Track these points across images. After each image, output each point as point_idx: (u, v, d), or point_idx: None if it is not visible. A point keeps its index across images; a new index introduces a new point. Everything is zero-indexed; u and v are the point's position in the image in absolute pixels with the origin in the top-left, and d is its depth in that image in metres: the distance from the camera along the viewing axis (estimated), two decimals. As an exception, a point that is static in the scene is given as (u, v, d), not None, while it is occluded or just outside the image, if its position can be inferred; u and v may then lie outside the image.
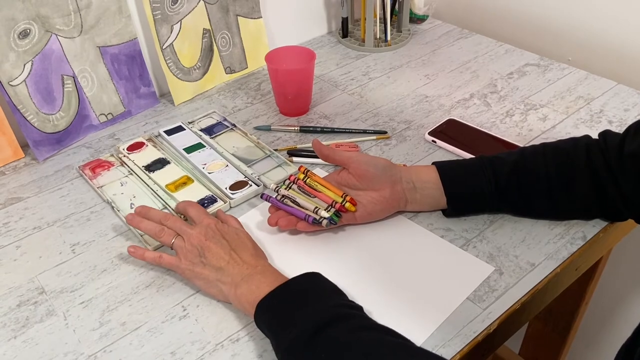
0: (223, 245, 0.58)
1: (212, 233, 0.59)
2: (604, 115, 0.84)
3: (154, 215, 0.63)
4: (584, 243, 0.63)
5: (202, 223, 0.60)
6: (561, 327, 1.10)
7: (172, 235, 0.60)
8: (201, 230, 0.59)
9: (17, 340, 0.55)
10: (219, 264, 0.57)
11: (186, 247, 0.59)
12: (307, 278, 0.54)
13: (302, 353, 0.47)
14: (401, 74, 0.97)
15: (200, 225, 0.60)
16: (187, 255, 0.58)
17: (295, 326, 0.48)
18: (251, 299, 0.53)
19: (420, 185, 0.64)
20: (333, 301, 0.51)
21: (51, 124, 0.79)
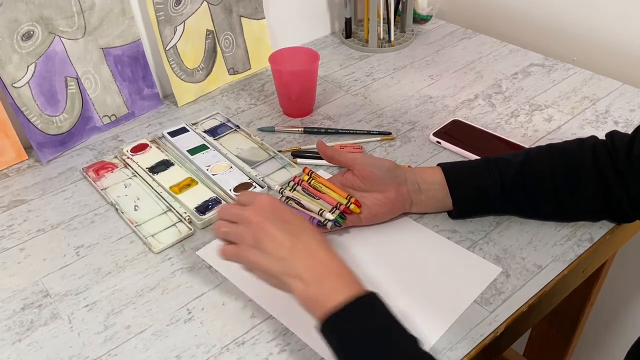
0: (282, 227, 0.51)
1: (268, 212, 0.52)
2: (609, 116, 0.83)
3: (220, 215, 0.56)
4: (590, 245, 0.63)
5: (254, 202, 0.53)
6: (566, 328, 1.09)
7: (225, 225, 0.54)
8: (254, 209, 0.52)
9: (21, 343, 0.55)
10: (279, 252, 0.50)
11: (239, 232, 0.52)
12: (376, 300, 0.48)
13: None
14: (405, 75, 0.96)
15: (252, 204, 0.53)
16: (242, 242, 0.52)
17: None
18: (321, 305, 0.47)
19: (426, 186, 0.64)
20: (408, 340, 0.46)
21: (55, 126, 0.78)
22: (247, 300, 0.58)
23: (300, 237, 0.51)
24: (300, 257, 0.50)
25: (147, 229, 0.67)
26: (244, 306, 0.58)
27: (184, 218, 0.68)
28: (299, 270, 0.49)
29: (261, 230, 0.51)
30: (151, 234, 0.66)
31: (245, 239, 0.52)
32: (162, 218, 0.68)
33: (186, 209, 0.69)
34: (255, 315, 0.57)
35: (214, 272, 0.62)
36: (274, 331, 0.55)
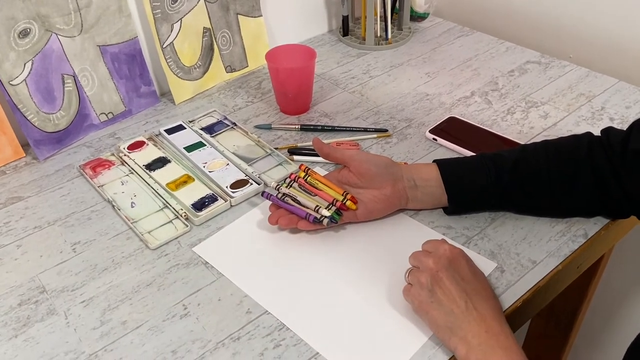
0: (457, 282, 0.51)
1: (445, 262, 0.52)
2: (605, 113, 0.83)
3: None
4: (585, 241, 0.63)
5: (437, 250, 0.54)
6: (563, 325, 1.09)
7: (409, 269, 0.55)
8: (435, 258, 0.52)
9: (18, 339, 0.55)
10: (450, 307, 0.50)
11: (416, 275, 0.53)
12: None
13: None
14: (402, 72, 0.97)
15: (436, 252, 0.53)
16: (416, 287, 0.53)
17: None
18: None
19: (421, 183, 0.64)
20: None
21: (52, 123, 0.79)
22: (243, 296, 0.59)
23: (474, 299, 0.50)
24: (470, 320, 0.49)
25: (144, 226, 0.67)
26: (239, 302, 0.58)
27: (180, 215, 0.68)
28: (466, 333, 0.49)
29: (435, 278, 0.51)
30: (147, 231, 0.66)
31: (421, 282, 0.52)
32: (158, 215, 0.69)
33: (183, 206, 0.69)
34: (250, 311, 0.57)
35: (210, 268, 0.62)
36: (269, 326, 0.55)
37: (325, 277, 0.60)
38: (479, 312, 0.49)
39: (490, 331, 0.48)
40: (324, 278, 0.60)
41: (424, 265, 0.53)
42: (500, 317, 0.50)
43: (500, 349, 0.47)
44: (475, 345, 0.48)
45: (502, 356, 0.47)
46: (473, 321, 0.49)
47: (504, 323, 0.50)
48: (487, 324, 0.49)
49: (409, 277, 0.55)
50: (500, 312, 0.51)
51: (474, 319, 0.49)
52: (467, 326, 0.49)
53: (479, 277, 0.53)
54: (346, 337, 0.54)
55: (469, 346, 0.48)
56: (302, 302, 0.58)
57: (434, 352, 0.52)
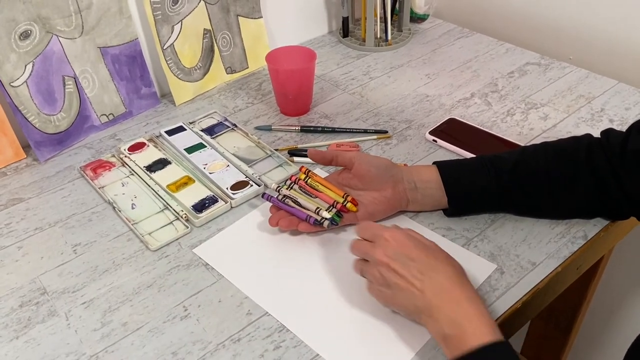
0: (409, 266, 0.51)
1: (392, 251, 0.52)
2: (605, 114, 0.84)
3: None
4: (585, 242, 0.63)
5: (379, 239, 0.53)
6: (563, 326, 1.09)
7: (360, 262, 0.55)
8: (381, 249, 0.52)
9: (19, 340, 0.55)
10: (410, 290, 0.50)
11: (370, 273, 0.53)
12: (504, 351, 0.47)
13: None
14: (402, 74, 0.97)
15: (378, 244, 0.53)
16: (374, 283, 0.53)
17: None
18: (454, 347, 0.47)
19: (422, 185, 0.64)
20: None
21: (52, 125, 0.79)
22: (243, 298, 0.59)
23: (429, 275, 0.50)
24: (430, 296, 0.49)
25: (144, 227, 0.67)
26: (240, 303, 0.58)
27: (180, 216, 0.68)
28: (431, 310, 0.49)
29: (389, 270, 0.52)
30: (148, 232, 0.67)
31: (376, 279, 0.53)
32: (159, 216, 0.69)
33: (183, 207, 0.69)
34: (251, 312, 0.57)
35: (211, 269, 0.62)
36: (269, 328, 0.56)
37: (326, 278, 0.60)
38: (437, 285, 0.50)
39: (453, 300, 0.49)
40: (324, 279, 0.60)
41: (373, 259, 0.53)
42: (459, 282, 0.50)
43: (464, 316, 0.48)
44: (442, 318, 0.48)
45: (469, 324, 0.47)
46: (433, 296, 0.49)
47: (465, 286, 0.50)
48: (447, 294, 0.49)
49: (362, 272, 0.55)
50: (459, 277, 0.51)
51: (434, 294, 0.49)
52: (429, 302, 0.49)
53: (428, 250, 0.53)
54: (346, 338, 0.54)
55: (435, 319, 0.49)
56: (302, 303, 0.58)
57: (434, 353, 0.52)
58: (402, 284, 0.51)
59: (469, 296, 0.49)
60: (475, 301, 0.49)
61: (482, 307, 0.49)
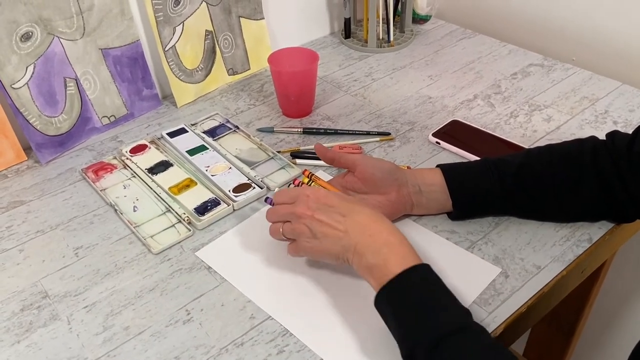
0: (330, 212, 0.55)
1: (314, 203, 0.55)
2: (608, 116, 0.83)
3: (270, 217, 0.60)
4: (589, 245, 0.63)
5: (299, 198, 0.57)
6: (566, 328, 1.09)
7: (280, 225, 0.58)
8: (302, 205, 0.56)
9: (20, 344, 0.55)
10: (336, 235, 0.54)
11: (295, 229, 0.56)
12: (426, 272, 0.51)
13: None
14: (404, 75, 0.96)
15: (298, 200, 0.57)
16: (301, 237, 0.56)
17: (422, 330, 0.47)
18: (377, 277, 0.51)
19: (426, 188, 0.64)
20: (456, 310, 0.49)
21: (54, 127, 0.78)
22: (246, 301, 0.58)
23: (350, 216, 0.54)
24: (354, 234, 0.53)
25: (146, 230, 0.67)
26: (243, 307, 0.58)
27: (183, 219, 0.68)
28: (354, 245, 0.53)
29: (314, 220, 0.55)
30: (150, 235, 0.66)
31: (303, 232, 0.56)
32: (161, 219, 0.68)
33: (185, 210, 0.69)
34: (254, 316, 0.57)
35: (213, 273, 0.62)
36: (273, 332, 0.55)
37: (329, 282, 0.60)
38: (358, 223, 0.54)
39: (375, 234, 0.53)
40: (328, 283, 0.60)
41: (297, 214, 0.56)
42: (378, 219, 0.54)
43: (385, 246, 0.52)
44: (365, 251, 0.52)
45: (389, 253, 0.51)
46: (356, 234, 0.53)
47: (383, 222, 0.54)
48: (369, 229, 0.53)
49: (286, 234, 0.57)
50: (377, 215, 0.55)
51: (356, 232, 0.53)
52: (353, 240, 0.53)
53: (346, 198, 0.57)
54: (350, 343, 0.54)
55: (359, 254, 0.52)
56: (306, 307, 0.58)
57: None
58: (328, 230, 0.54)
59: (389, 228, 0.53)
60: (394, 232, 0.53)
61: (402, 236, 0.53)
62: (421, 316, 0.48)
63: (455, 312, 0.48)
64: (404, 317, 0.49)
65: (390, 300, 0.50)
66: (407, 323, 0.48)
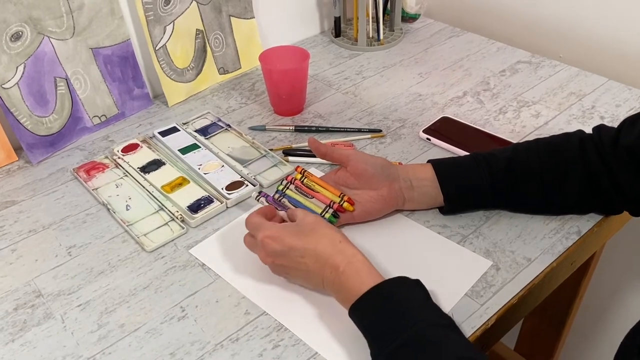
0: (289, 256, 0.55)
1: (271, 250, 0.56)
2: (595, 111, 0.84)
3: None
4: (578, 237, 0.64)
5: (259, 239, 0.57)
6: (556, 322, 1.10)
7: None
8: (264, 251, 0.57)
9: (14, 343, 0.55)
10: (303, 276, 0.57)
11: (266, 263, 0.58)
12: (398, 284, 0.52)
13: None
14: (394, 73, 0.97)
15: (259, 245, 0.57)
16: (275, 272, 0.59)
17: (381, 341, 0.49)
18: (349, 301, 0.52)
19: (417, 183, 0.64)
20: (420, 317, 0.49)
21: (44, 127, 0.78)
22: (241, 297, 0.59)
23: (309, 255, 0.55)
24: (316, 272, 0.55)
25: (139, 228, 0.67)
26: (237, 303, 0.58)
27: (176, 217, 0.68)
28: (323, 283, 0.55)
29: (277, 266, 0.57)
30: (143, 233, 0.66)
31: (274, 270, 0.58)
32: (154, 217, 0.69)
33: (178, 208, 0.69)
34: (249, 312, 0.57)
35: (207, 269, 0.62)
36: (267, 327, 0.56)
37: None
38: (318, 261, 0.54)
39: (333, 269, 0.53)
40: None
41: (260, 257, 0.58)
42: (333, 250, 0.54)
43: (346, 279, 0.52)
44: (332, 287, 0.54)
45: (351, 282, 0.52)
46: (318, 271, 0.54)
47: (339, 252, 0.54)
48: (327, 265, 0.54)
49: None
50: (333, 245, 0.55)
51: (318, 269, 0.54)
52: (319, 277, 0.55)
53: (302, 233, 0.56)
54: (344, 336, 0.54)
55: (331, 292, 0.55)
56: (300, 302, 0.58)
57: (432, 350, 0.53)
58: (292, 271, 0.57)
59: (345, 259, 0.53)
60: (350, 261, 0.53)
61: (360, 264, 0.53)
62: (387, 326, 0.49)
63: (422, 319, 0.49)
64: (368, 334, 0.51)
65: (359, 314, 0.52)
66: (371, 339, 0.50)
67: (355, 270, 0.53)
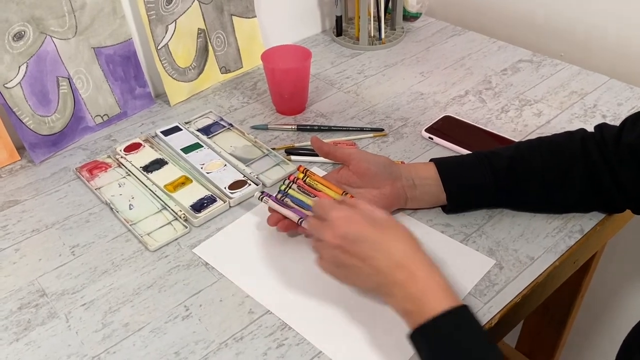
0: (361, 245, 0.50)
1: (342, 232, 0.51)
2: (597, 110, 0.85)
3: None
4: (581, 236, 0.64)
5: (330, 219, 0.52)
6: (557, 320, 1.11)
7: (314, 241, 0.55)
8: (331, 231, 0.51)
9: (19, 343, 0.55)
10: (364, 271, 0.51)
11: (325, 254, 0.53)
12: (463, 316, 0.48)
13: None
14: (396, 72, 0.97)
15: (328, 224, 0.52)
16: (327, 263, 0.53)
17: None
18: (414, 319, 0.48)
19: (420, 182, 0.65)
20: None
21: (47, 126, 0.78)
22: (245, 296, 0.59)
23: (383, 252, 0.50)
24: (386, 274, 0.49)
25: (143, 228, 0.67)
26: (241, 302, 0.58)
27: (179, 216, 0.68)
28: (388, 287, 0.50)
29: (342, 252, 0.51)
30: (147, 233, 0.66)
31: (330, 260, 0.53)
32: (157, 216, 0.69)
33: (181, 207, 0.69)
34: (253, 311, 0.57)
35: (211, 269, 0.62)
36: (272, 326, 0.56)
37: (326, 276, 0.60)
38: (391, 262, 0.49)
39: (409, 275, 0.49)
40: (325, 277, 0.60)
41: (326, 242, 0.52)
42: (413, 256, 0.50)
43: (422, 291, 0.48)
44: (401, 294, 0.49)
45: (427, 295, 0.48)
46: (389, 274, 0.49)
47: (419, 259, 0.50)
48: (402, 270, 0.49)
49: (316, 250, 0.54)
50: (412, 250, 0.50)
51: (389, 272, 0.49)
52: (386, 280, 0.49)
53: (379, 226, 0.51)
54: (348, 335, 0.55)
55: (395, 297, 0.49)
56: (303, 301, 0.58)
57: (436, 348, 0.53)
58: (356, 264, 0.50)
59: (425, 269, 0.49)
60: (431, 272, 0.49)
61: (439, 277, 0.49)
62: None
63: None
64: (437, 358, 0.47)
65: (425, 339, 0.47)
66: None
67: (435, 283, 0.48)
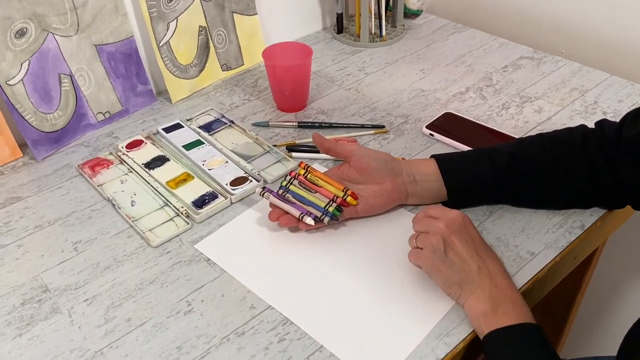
0: (468, 244, 0.55)
1: (457, 227, 0.55)
2: (598, 107, 0.85)
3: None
4: (582, 232, 0.64)
5: (445, 216, 0.56)
6: (558, 317, 1.11)
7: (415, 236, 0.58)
8: (445, 222, 0.55)
9: (22, 338, 0.55)
10: (462, 265, 0.54)
11: (428, 238, 0.55)
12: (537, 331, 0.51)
13: None
14: (397, 69, 0.97)
15: (443, 217, 0.56)
16: (427, 250, 0.55)
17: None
18: (490, 323, 0.51)
19: (421, 178, 0.65)
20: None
21: (49, 123, 0.78)
22: (246, 292, 0.59)
23: (485, 259, 0.55)
24: (481, 277, 0.53)
25: (145, 224, 0.67)
26: (243, 297, 0.59)
27: (181, 212, 0.68)
28: (476, 288, 0.53)
29: (448, 241, 0.55)
30: (149, 229, 0.67)
31: (432, 245, 0.55)
32: (159, 213, 0.69)
33: (183, 204, 0.69)
34: (254, 306, 0.58)
35: (213, 264, 0.62)
36: (273, 321, 0.56)
37: (328, 271, 0.61)
38: (490, 270, 0.54)
39: (499, 286, 0.53)
40: (326, 272, 0.61)
41: (435, 229, 0.55)
42: (507, 275, 0.55)
43: (508, 300, 0.52)
44: (485, 298, 0.52)
45: (509, 307, 0.52)
46: (484, 278, 0.53)
47: (510, 280, 0.55)
48: (496, 280, 0.53)
49: (418, 242, 0.57)
50: (506, 271, 0.56)
51: (485, 276, 0.53)
52: (477, 282, 0.53)
53: (484, 241, 0.57)
54: (350, 329, 0.55)
55: (478, 298, 0.53)
56: (305, 296, 0.58)
57: (436, 343, 0.53)
58: (458, 258, 0.54)
59: (511, 286, 0.54)
60: (515, 291, 0.54)
61: (520, 297, 0.53)
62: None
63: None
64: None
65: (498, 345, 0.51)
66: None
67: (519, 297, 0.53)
